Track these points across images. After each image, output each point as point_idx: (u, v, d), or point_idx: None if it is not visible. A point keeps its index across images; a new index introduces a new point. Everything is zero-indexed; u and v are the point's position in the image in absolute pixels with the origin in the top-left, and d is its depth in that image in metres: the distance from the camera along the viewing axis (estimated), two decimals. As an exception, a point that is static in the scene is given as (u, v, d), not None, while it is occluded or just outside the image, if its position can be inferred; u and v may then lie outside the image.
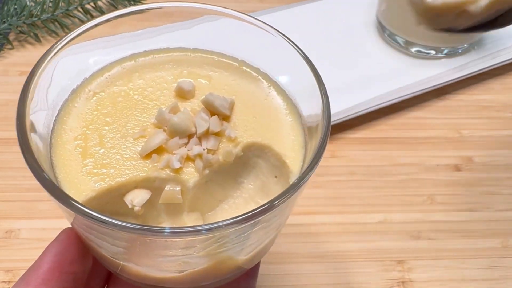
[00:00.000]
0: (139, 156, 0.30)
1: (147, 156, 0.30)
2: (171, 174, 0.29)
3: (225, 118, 0.32)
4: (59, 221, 0.52)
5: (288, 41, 0.33)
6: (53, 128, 0.32)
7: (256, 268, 0.37)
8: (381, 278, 0.50)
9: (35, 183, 0.61)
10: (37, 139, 0.30)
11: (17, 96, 0.71)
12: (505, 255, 0.52)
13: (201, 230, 0.25)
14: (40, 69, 0.31)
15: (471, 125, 0.65)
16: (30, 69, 0.72)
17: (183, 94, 0.33)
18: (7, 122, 0.60)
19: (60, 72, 0.32)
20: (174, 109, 0.31)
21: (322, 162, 0.29)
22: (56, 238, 0.33)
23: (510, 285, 0.50)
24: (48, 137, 0.31)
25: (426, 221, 0.55)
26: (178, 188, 0.30)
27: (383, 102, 0.62)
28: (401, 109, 0.66)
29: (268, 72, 0.36)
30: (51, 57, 0.31)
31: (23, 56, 0.69)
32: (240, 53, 0.37)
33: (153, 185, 0.30)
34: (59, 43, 0.32)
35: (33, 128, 0.29)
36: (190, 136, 0.30)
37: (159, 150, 0.30)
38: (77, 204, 0.25)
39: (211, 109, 0.31)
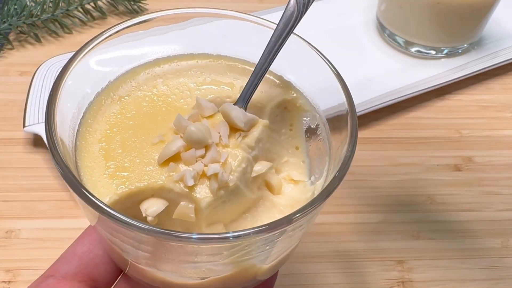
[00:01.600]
0: (157, 163, 0.29)
1: (164, 163, 0.29)
2: (185, 189, 0.28)
3: (244, 136, 0.31)
4: (59, 221, 0.52)
5: (318, 52, 0.33)
6: (78, 130, 0.32)
7: (272, 279, 0.37)
8: (381, 278, 0.50)
9: (35, 182, 0.62)
10: (64, 140, 0.29)
11: (17, 96, 0.71)
12: (505, 255, 0.52)
13: (228, 237, 0.24)
14: (68, 72, 0.31)
15: (471, 125, 0.65)
16: (30, 69, 0.72)
17: (202, 111, 0.32)
18: (7, 122, 0.60)
19: (85, 75, 0.32)
20: (193, 118, 0.30)
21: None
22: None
23: (510, 285, 0.50)
24: (73, 140, 0.31)
25: (426, 221, 0.55)
26: (191, 206, 0.29)
27: (383, 102, 0.62)
28: (401, 109, 0.66)
29: (291, 80, 0.35)
30: (78, 61, 0.31)
31: (23, 56, 0.69)
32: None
33: (169, 196, 0.29)
34: (85, 47, 0.32)
35: (60, 130, 0.29)
36: (207, 148, 0.29)
37: (176, 158, 0.29)
38: (106, 208, 0.25)
39: (229, 121, 0.30)
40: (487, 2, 0.65)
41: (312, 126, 0.35)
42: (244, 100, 0.32)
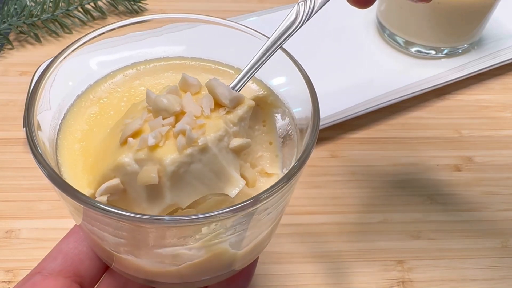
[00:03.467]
0: (119, 144, 0.29)
1: (124, 142, 0.28)
2: (148, 153, 0.27)
3: (228, 112, 0.31)
4: (59, 220, 0.52)
5: (283, 50, 0.35)
6: (59, 130, 0.33)
7: (250, 269, 0.37)
8: (381, 278, 0.50)
9: (35, 182, 0.62)
10: (44, 140, 0.31)
11: (17, 96, 0.71)
12: (505, 255, 0.52)
13: (198, 218, 0.25)
14: (47, 75, 0.32)
15: (471, 125, 0.65)
16: (30, 69, 0.73)
17: (187, 88, 0.32)
18: (7, 122, 0.60)
19: (66, 78, 0.34)
20: (171, 92, 0.30)
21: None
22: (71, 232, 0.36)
23: (511, 285, 0.50)
24: (54, 139, 0.32)
25: (426, 221, 0.55)
26: (154, 167, 0.27)
27: (383, 102, 0.62)
28: (401, 109, 0.66)
29: (262, 79, 0.37)
30: (58, 64, 0.33)
31: (23, 56, 0.69)
32: (236, 61, 0.38)
33: (128, 171, 0.28)
34: (65, 51, 0.33)
35: (40, 129, 0.31)
36: (179, 117, 0.28)
37: (137, 134, 0.28)
38: (79, 195, 0.26)
39: (214, 96, 0.30)
40: (487, 2, 0.65)
41: (283, 121, 0.36)
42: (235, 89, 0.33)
